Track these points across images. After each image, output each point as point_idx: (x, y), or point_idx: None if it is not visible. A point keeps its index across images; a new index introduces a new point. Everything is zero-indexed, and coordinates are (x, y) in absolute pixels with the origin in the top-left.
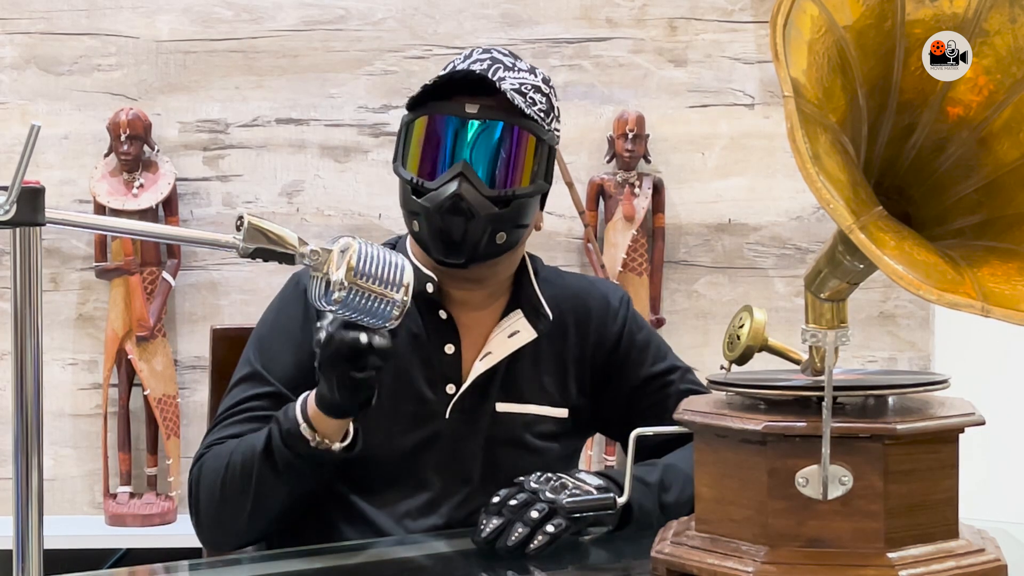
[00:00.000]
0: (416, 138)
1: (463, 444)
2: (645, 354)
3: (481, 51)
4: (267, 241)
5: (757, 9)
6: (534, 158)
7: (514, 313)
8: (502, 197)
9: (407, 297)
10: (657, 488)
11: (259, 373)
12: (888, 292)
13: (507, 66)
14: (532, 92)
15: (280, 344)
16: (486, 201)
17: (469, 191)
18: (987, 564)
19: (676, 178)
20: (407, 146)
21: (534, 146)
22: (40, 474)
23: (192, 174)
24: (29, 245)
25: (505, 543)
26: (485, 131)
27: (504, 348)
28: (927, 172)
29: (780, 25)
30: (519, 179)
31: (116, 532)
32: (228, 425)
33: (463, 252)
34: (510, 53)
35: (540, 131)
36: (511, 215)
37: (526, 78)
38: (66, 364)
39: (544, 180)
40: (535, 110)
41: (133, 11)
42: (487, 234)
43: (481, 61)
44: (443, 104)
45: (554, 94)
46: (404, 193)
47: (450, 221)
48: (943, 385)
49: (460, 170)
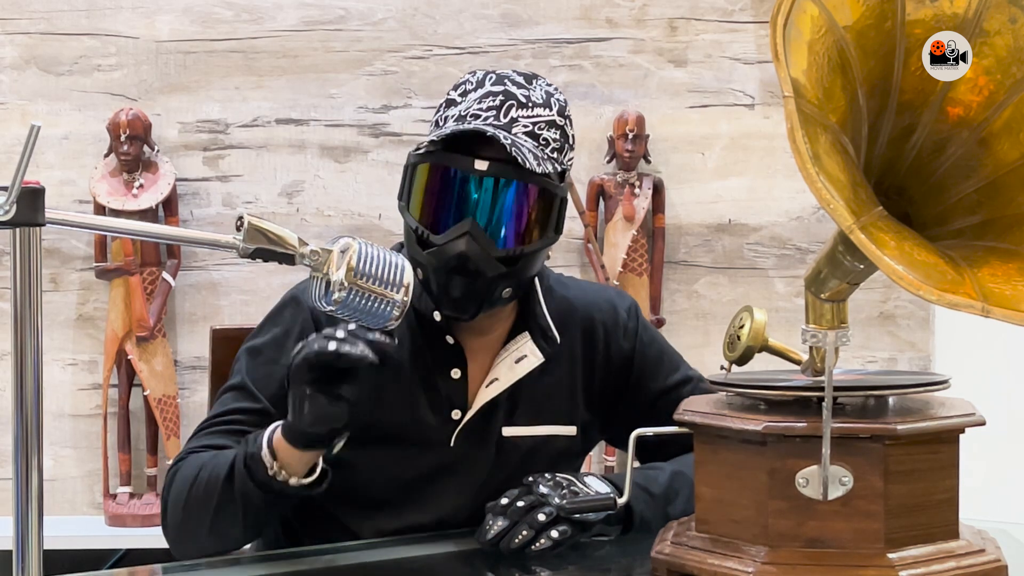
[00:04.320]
0: (422, 185)
1: (469, 470)
2: (659, 368)
3: (494, 81)
4: (267, 241)
5: (757, 9)
6: (545, 214)
7: (521, 336)
8: (510, 256)
9: (407, 297)
10: (662, 499)
11: (246, 386)
12: (888, 292)
13: (520, 102)
14: (546, 130)
15: (272, 361)
16: (493, 261)
17: (475, 251)
18: (987, 564)
19: (676, 178)
20: (413, 189)
21: (545, 202)
22: (40, 474)
23: (192, 174)
24: (29, 245)
25: (509, 544)
26: (494, 188)
27: (511, 375)
28: (927, 172)
29: (780, 25)
30: (528, 237)
31: (116, 532)
32: (210, 434)
33: (468, 308)
34: (524, 78)
35: (552, 186)
36: (519, 271)
37: (540, 115)
38: (66, 364)
39: (555, 232)
40: (548, 153)
41: (133, 11)
42: (494, 291)
43: (494, 97)
44: (451, 156)
45: (569, 123)
46: (408, 237)
47: (456, 280)
48: (943, 385)
49: (467, 229)
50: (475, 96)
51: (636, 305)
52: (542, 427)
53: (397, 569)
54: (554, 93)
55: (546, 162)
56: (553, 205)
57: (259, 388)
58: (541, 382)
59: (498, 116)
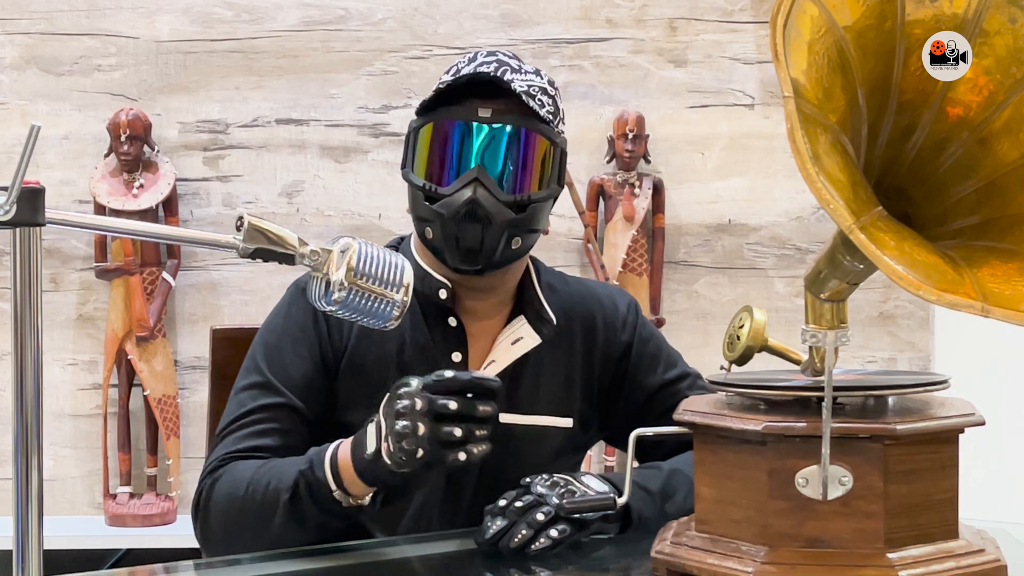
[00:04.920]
0: (427, 143)
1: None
2: (656, 363)
3: (486, 53)
4: (267, 241)
5: (757, 9)
6: (548, 162)
7: (517, 319)
8: (518, 202)
9: (407, 297)
10: (660, 497)
11: (270, 382)
12: (888, 292)
13: (514, 68)
14: (540, 94)
15: (290, 352)
16: (502, 206)
17: (485, 196)
18: (987, 564)
19: (676, 178)
20: (416, 151)
21: (548, 150)
22: (40, 474)
23: (192, 174)
24: (29, 245)
25: (508, 544)
26: (499, 135)
27: (508, 356)
28: (927, 172)
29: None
30: (534, 184)
31: (116, 532)
32: (241, 437)
33: (479, 259)
34: (514, 56)
35: (552, 135)
36: (527, 220)
37: (533, 80)
38: (66, 364)
39: (557, 184)
40: (546, 111)
41: (133, 11)
42: (503, 240)
43: (488, 63)
44: (454, 109)
45: (559, 96)
46: (414, 199)
47: (466, 227)
48: (943, 385)
49: (475, 175)
50: (469, 68)
51: (636, 302)
52: (538, 417)
53: (397, 569)
54: (542, 71)
55: (546, 114)
56: (555, 156)
57: (280, 381)
58: (539, 371)
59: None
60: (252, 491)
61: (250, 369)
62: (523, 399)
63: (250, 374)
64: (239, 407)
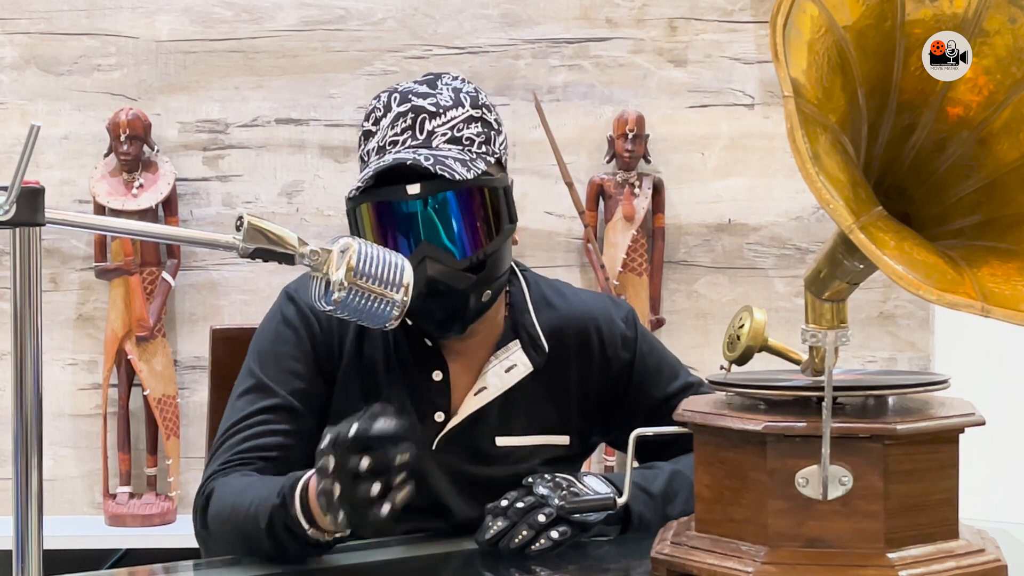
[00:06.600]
0: (368, 225)
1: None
2: (659, 376)
3: (399, 100)
4: (267, 241)
5: (757, 9)
6: (492, 209)
7: (511, 344)
8: (474, 263)
9: (407, 297)
10: (661, 499)
11: (264, 384)
12: (888, 292)
13: (431, 112)
14: (466, 129)
15: (283, 355)
16: (459, 273)
17: (440, 271)
18: (987, 564)
19: (676, 178)
20: (362, 230)
21: (488, 197)
22: (40, 474)
23: (192, 174)
24: (29, 245)
25: (508, 544)
26: (435, 206)
27: (501, 383)
28: (927, 172)
29: (780, 25)
30: (484, 238)
31: (116, 532)
32: (240, 441)
33: (455, 326)
34: (427, 85)
35: (489, 182)
36: (489, 273)
37: (455, 116)
38: (66, 364)
39: (510, 222)
40: (475, 151)
41: (133, 11)
42: (472, 301)
43: (404, 117)
44: (384, 191)
45: (488, 109)
46: None
47: (431, 303)
48: (943, 385)
49: (424, 253)
50: (387, 122)
51: (633, 313)
52: (534, 437)
53: (397, 569)
54: (462, 88)
55: (475, 161)
56: (499, 199)
57: (277, 384)
58: (533, 392)
59: (415, 134)
60: (236, 514)
61: (244, 376)
62: (517, 423)
63: (244, 380)
64: (236, 412)
